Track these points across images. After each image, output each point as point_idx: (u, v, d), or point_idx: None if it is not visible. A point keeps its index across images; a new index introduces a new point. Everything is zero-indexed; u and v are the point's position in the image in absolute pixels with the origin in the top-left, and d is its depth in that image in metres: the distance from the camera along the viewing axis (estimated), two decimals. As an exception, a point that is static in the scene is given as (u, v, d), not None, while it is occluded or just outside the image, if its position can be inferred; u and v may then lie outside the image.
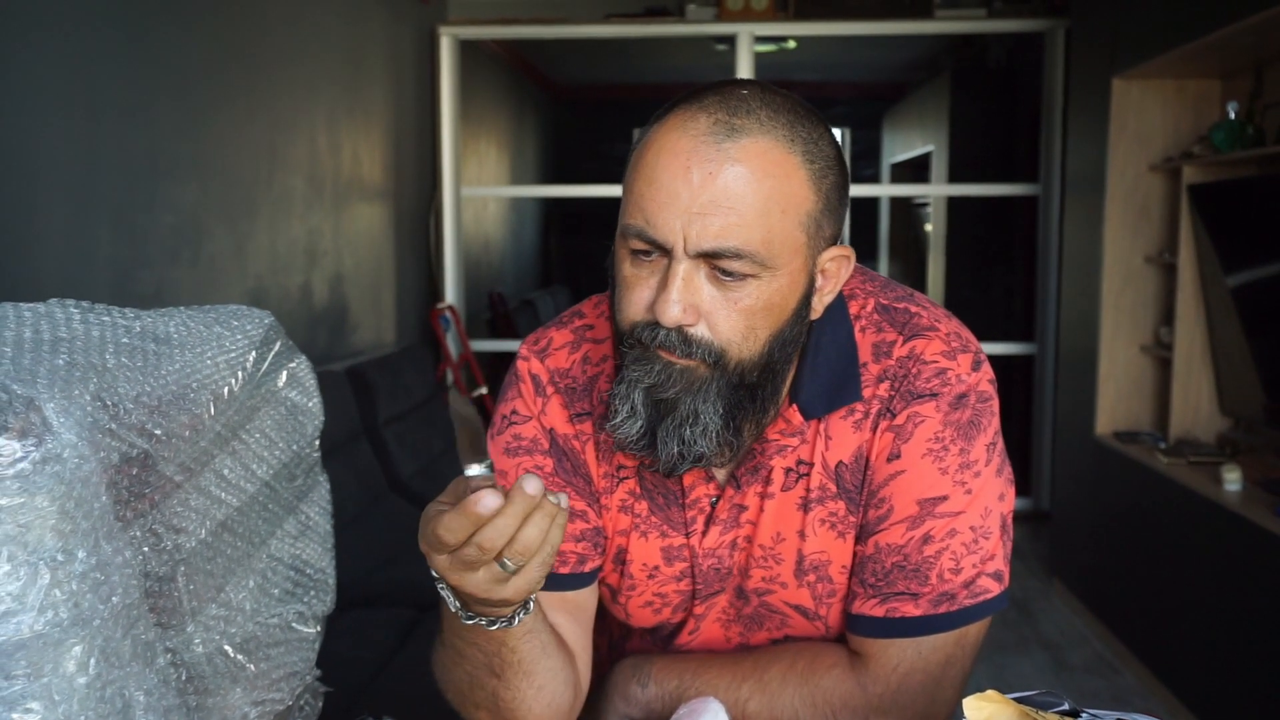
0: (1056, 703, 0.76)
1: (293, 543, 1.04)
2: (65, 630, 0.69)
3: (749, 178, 0.85)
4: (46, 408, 0.68)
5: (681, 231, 0.85)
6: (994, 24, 4.65)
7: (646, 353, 0.89)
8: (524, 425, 1.05)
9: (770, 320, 0.89)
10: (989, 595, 0.97)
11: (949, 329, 1.00)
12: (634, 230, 0.87)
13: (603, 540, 1.06)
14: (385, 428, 3.46)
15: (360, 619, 2.51)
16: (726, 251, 0.85)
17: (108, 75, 2.34)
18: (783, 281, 0.89)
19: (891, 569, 0.97)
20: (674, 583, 1.06)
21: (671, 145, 0.87)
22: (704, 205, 0.85)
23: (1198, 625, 2.79)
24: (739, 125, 0.86)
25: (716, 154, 0.85)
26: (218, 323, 0.94)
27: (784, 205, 0.87)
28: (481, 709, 0.98)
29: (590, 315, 1.09)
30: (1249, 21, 2.53)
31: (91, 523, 0.71)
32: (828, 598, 1.03)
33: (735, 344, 0.88)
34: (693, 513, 1.03)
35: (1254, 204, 2.92)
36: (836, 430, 0.99)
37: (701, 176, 0.85)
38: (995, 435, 0.99)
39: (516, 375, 1.08)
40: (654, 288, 0.88)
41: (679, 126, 0.87)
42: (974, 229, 6.11)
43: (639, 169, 0.89)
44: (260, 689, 0.97)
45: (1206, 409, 3.24)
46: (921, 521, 0.96)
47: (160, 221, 2.57)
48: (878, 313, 1.01)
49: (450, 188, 4.86)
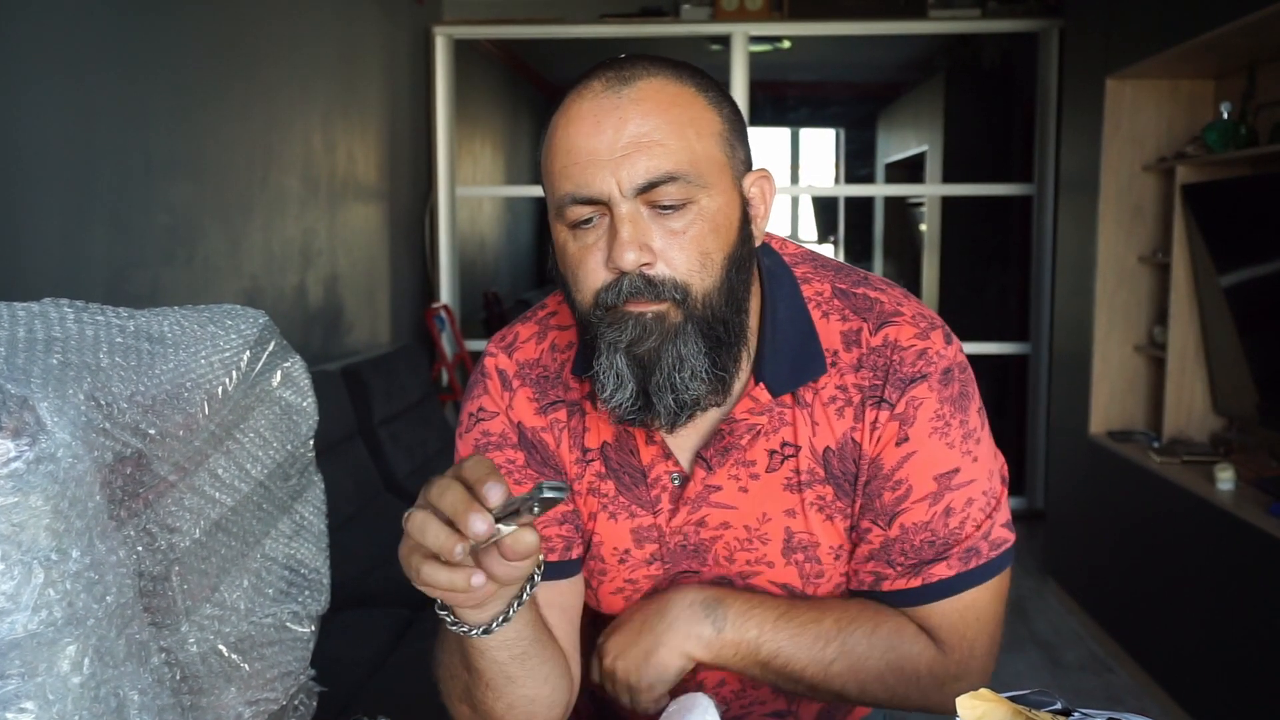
0: (1049, 702, 0.76)
1: (287, 542, 1.04)
2: (59, 630, 0.69)
3: (656, 110, 0.90)
4: (40, 407, 0.68)
5: (613, 178, 0.88)
6: (988, 24, 4.66)
7: (616, 313, 0.91)
8: (491, 421, 1.06)
9: (720, 243, 0.92)
10: (1007, 545, 1.03)
11: (913, 310, 1.03)
12: (569, 198, 0.90)
13: (582, 525, 1.07)
14: (380, 427, 3.46)
15: (355, 619, 2.51)
16: (660, 178, 0.88)
17: (102, 74, 2.34)
18: (719, 201, 0.92)
19: (921, 545, 1.00)
20: (644, 567, 1.06)
21: (576, 112, 0.91)
22: (625, 147, 0.88)
23: (1191, 624, 2.80)
24: (629, 75, 0.91)
25: (619, 101, 0.90)
26: (212, 322, 0.94)
27: (696, 128, 0.91)
28: (462, 702, 0.98)
29: (553, 305, 1.11)
30: (1242, 21, 2.53)
31: (85, 522, 0.71)
32: (815, 578, 1.04)
33: (696, 274, 0.91)
34: (656, 491, 1.04)
35: (1247, 204, 2.92)
36: (822, 417, 1.01)
37: (614, 124, 0.89)
38: (979, 399, 1.04)
39: (483, 372, 1.09)
40: (604, 248, 0.90)
41: (577, 98, 0.92)
42: (968, 229, 6.12)
43: (553, 147, 0.92)
44: (255, 688, 0.97)
45: (1200, 408, 3.25)
46: (941, 496, 0.99)
47: (155, 221, 2.56)
48: (837, 298, 1.03)
49: (445, 187, 4.86)
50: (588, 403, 1.04)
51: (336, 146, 3.76)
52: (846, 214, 9.50)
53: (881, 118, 8.38)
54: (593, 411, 1.04)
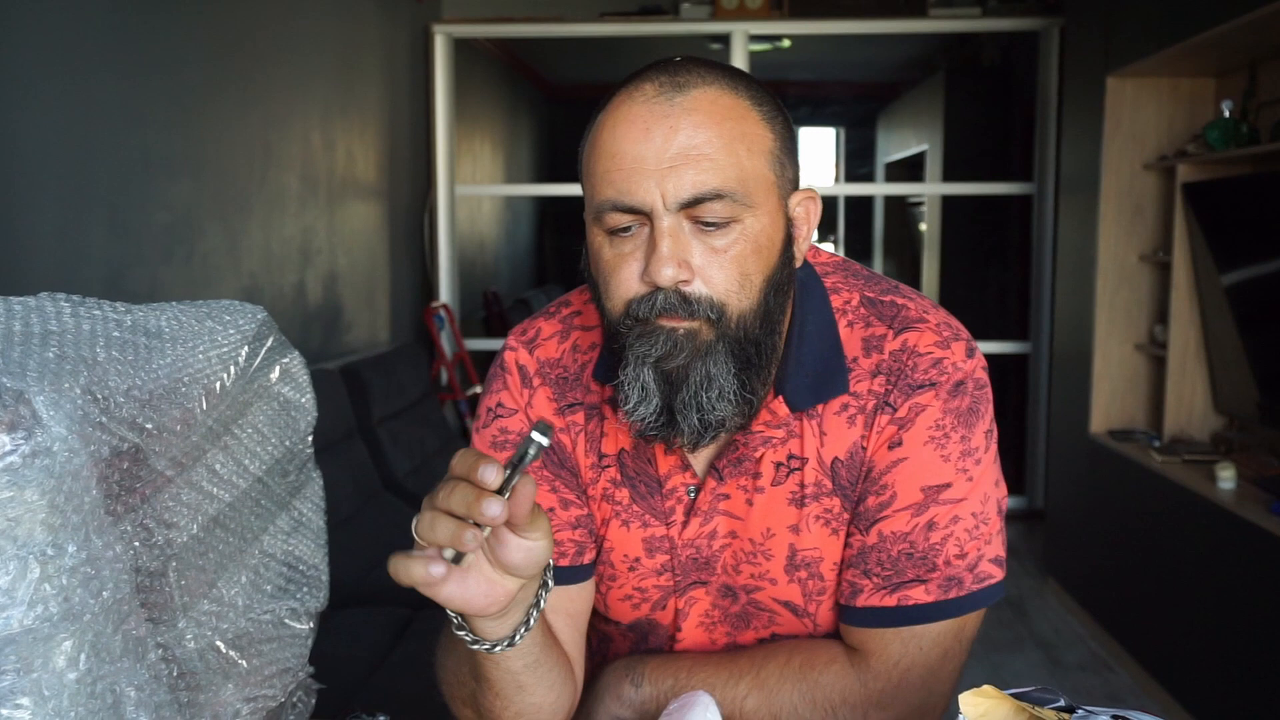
0: (1053, 699, 0.76)
1: (285, 538, 1.04)
2: (55, 625, 0.69)
3: (708, 123, 0.86)
4: (36, 401, 0.68)
5: (658, 189, 0.85)
6: (988, 23, 4.65)
7: (648, 326, 0.88)
8: (510, 418, 1.04)
9: (761, 264, 0.89)
10: (992, 581, 0.97)
11: (938, 319, 1.00)
12: (609, 204, 0.87)
13: (595, 529, 1.05)
14: (379, 427, 3.46)
15: (354, 618, 2.50)
16: (707, 194, 0.85)
17: (100, 72, 2.33)
18: (764, 222, 0.89)
19: (899, 556, 0.96)
20: (654, 576, 1.04)
21: (625, 115, 0.87)
22: (673, 159, 0.85)
23: (1192, 623, 2.80)
24: (683, 81, 0.87)
25: (671, 109, 0.86)
26: (210, 317, 0.93)
27: (748, 144, 0.88)
28: (466, 706, 0.97)
29: (577, 303, 1.08)
30: (1243, 19, 2.53)
31: (82, 517, 0.71)
32: (817, 595, 1.01)
33: (734, 295, 0.88)
34: (671, 502, 1.02)
35: (1248, 202, 2.92)
36: (831, 426, 0.97)
37: (663, 133, 0.85)
38: (991, 423, 0.99)
39: (503, 367, 1.06)
40: (641, 259, 0.87)
41: (627, 99, 0.88)
42: (968, 228, 6.12)
43: (597, 149, 0.89)
44: (252, 685, 0.96)
45: (1201, 407, 3.24)
46: (926, 508, 0.95)
47: (153, 219, 2.56)
48: (864, 306, 1.00)
49: (445, 186, 4.86)
50: (607, 407, 1.02)
51: (335, 145, 3.75)
52: (846, 213, 9.50)
53: (881, 117, 8.38)
54: (611, 417, 1.02)
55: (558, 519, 1.02)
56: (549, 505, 1.02)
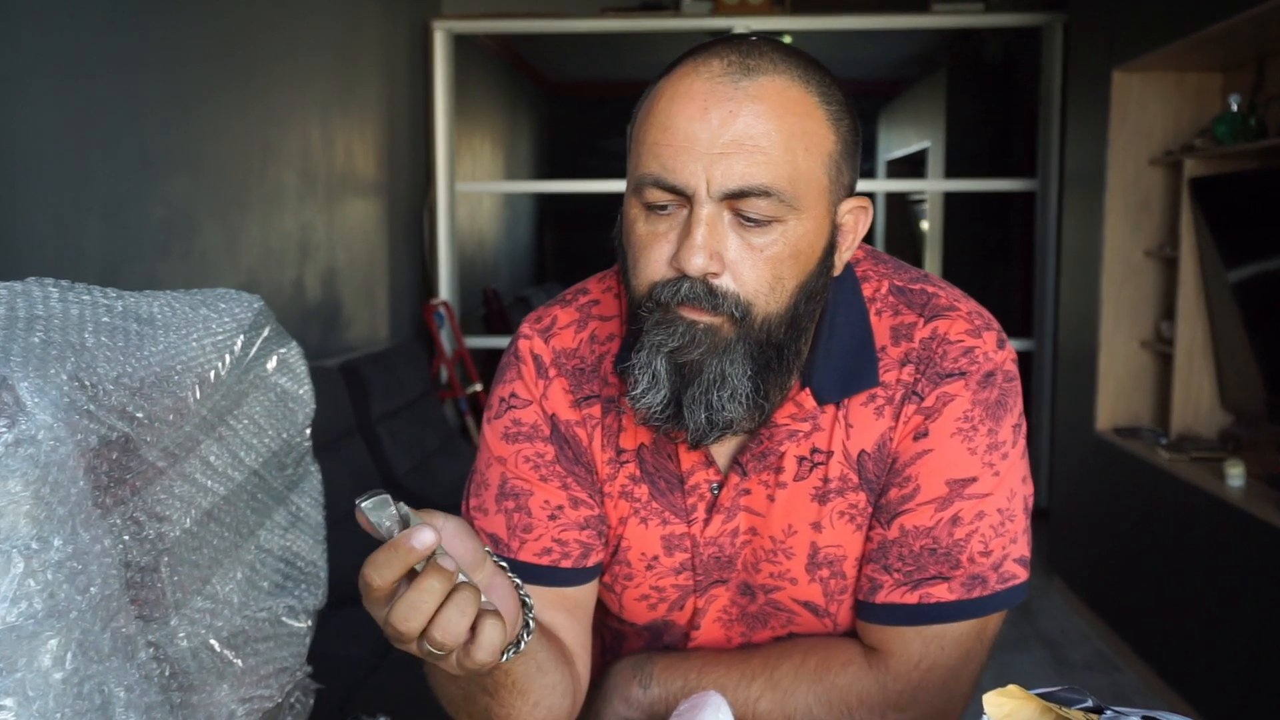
0: (1080, 699, 0.73)
1: (283, 534, 1.01)
2: (40, 622, 0.66)
3: (770, 115, 0.82)
4: (20, 387, 0.65)
5: (704, 174, 0.81)
6: (991, 18, 4.63)
7: (669, 314, 0.84)
8: (524, 410, 0.99)
9: (797, 270, 0.85)
10: (1016, 581, 0.94)
11: (970, 308, 0.96)
12: (651, 179, 0.83)
13: (606, 530, 1.01)
14: (379, 424, 3.43)
15: (354, 617, 2.46)
16: (754, 189, 0.81)
17: (98, 67, 2.31)
18: (808, 227, 0.84)
19: (921, 552, 0.92)
20: (672, 575, 1.01)
21: (686, 89, 0.83)
22: (726, 145, 0.81)
23: (1200, 622, 2.77)
24: (753, 65, 0.83)
25: (734, 92, 0.82)
26: (204, 305, 0.90)
27: (806, 144, 0.83)
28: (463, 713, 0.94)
29: (595, 292, 1.04)
30: (1250, 13, 2.50)
31: (68, 509, 0.68)
32: (839, 594, 0.98)
33: (763, 296, 0.84)
34: (693, 499, 0.98)
35: (1255, 197, 2.89)
36: (858, 418, 0.94)
37: (721, 116, 0.81)
38: (1020, 417, 0.95)
39: (517, 355, 1.01)
40: (674, 241, 0.83)
41: (691, 72, 0.84)
42: (971, 225, 6.10)
43: (651, 117, 0.84)
44: (248, 685, 0.93)
45: (1208, 404, 3.22)
46: (950, 503, 0.92)
47: (151, 215, 2.53)
48: (893, 295, 0.97)
49: (444, 183, 4.83)
50: (625, 400, 0.98)
51: (335, 141, 3.72)
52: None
53: (883, 113, 8.36)
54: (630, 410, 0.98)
55: (565, 518, 0.98)
56: (558, 503, 0.98)
